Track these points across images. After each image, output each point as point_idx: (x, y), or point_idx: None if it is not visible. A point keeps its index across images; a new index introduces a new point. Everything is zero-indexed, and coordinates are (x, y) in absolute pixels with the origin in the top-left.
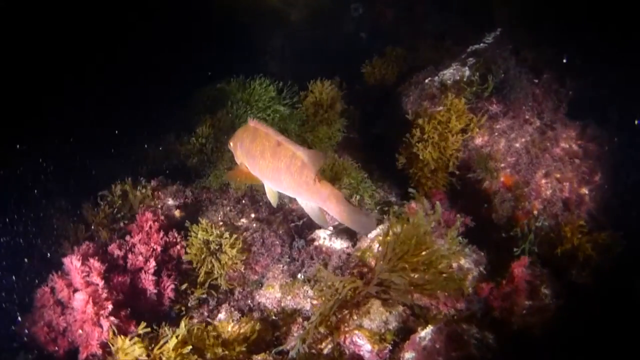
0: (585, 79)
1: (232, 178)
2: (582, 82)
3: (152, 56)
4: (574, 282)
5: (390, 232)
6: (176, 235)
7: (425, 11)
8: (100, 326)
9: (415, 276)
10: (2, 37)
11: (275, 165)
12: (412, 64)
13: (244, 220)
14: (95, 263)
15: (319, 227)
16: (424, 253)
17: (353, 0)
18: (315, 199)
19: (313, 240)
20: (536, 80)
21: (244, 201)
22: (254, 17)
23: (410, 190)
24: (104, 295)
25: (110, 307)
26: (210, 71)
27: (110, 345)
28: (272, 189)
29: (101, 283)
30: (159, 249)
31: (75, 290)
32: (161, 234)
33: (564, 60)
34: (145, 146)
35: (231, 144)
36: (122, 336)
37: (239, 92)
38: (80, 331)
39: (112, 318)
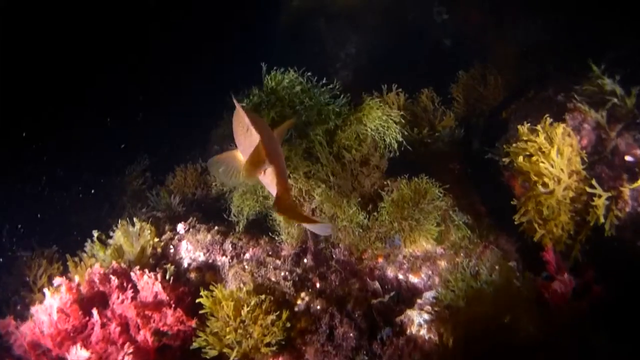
0: None
1: (215, 162)
2: None
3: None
4: None
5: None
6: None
7: (516, 16)
8: None
9: None
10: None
11: (247, 151)
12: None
13: (304, 296)
14: None
15: (411, 306)
16: None
17: (436, 3)
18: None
19: (403, 326)
20: None
21: (305, 259)
22: (325, 22)
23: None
24: None
25: None
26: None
27: None
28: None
29: None
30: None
31: None
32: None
33: None
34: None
35: None
36: None
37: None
38: None
39: None
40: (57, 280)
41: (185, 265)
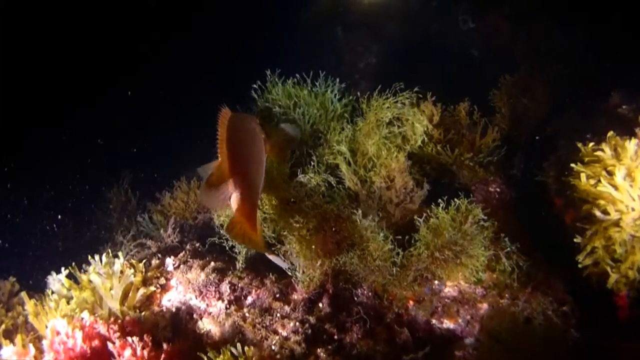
0: None
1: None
2: None
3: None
4: None
5: None
6: None
7: (548, 26)
8: None
9: None
10: None
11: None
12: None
13: (320, 353)
14: None
15: None
16: None
17: (461, 11)
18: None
19: None
20: None
21: (321, 304)
22: (343, 29)
23: None
24: None
25: None
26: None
27: None
28: None
29: None
30: None
31: None
32: None
33: None
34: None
35: None
36: None
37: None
38: None
39: None
40: (6, 352)
41: (174, 310)
